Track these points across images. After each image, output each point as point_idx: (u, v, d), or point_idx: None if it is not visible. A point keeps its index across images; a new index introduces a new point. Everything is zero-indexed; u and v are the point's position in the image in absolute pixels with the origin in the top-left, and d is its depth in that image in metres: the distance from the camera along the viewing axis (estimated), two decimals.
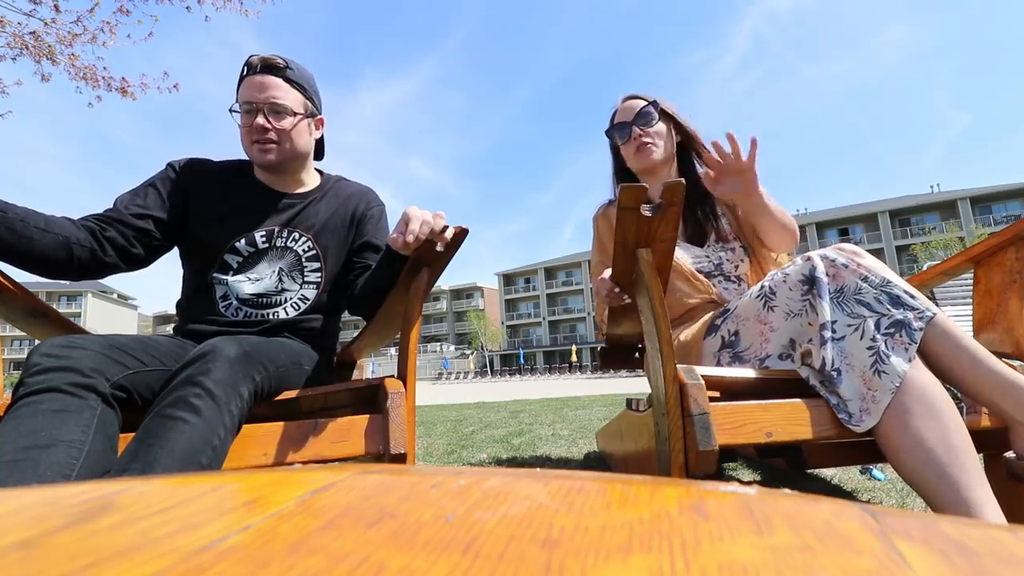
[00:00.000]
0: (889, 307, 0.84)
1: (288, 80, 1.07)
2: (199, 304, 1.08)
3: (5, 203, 0.84)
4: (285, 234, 1.11)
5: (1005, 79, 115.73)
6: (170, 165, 1.11)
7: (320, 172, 1.25)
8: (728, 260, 1.27)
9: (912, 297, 0.85)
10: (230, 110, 1.07)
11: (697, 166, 1.38)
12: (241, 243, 1.08)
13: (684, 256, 1.27)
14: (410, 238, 0.86)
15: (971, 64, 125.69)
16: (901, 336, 0.81)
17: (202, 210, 1.08)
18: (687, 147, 1.37)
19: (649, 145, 1.30)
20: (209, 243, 1.08)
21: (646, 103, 1.32)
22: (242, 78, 1.06)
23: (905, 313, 0.82)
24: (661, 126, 1.32)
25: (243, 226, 1.09)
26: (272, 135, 1.05)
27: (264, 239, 1.10)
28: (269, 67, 1.05)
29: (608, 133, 1.40)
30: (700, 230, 1.31)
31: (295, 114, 1.07)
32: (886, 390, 0.80)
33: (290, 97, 1.07)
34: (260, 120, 1.04)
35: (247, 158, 1.15)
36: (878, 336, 0.82)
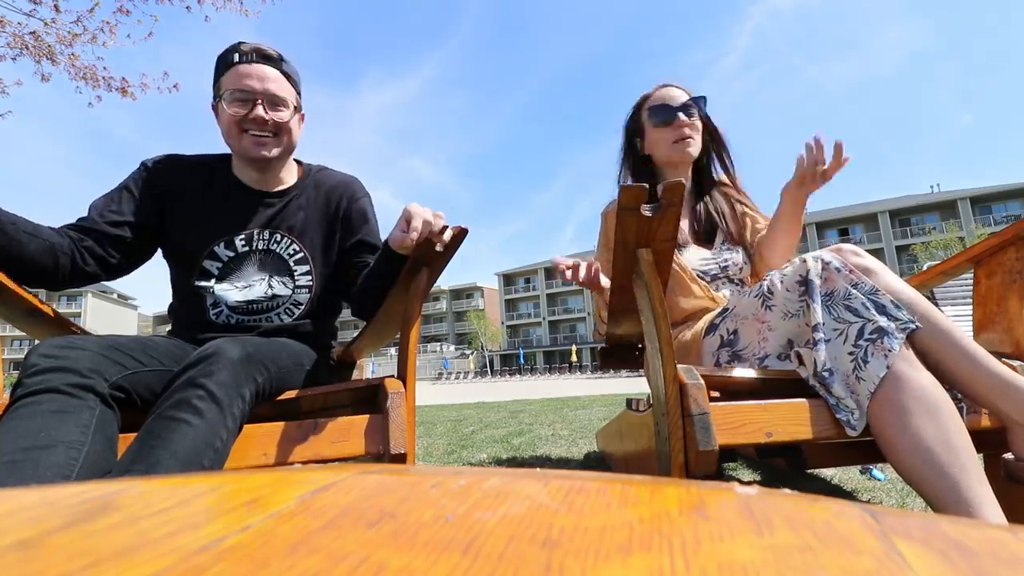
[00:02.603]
0: (875, 313, 0.84)
1: (284, 72, 1.03)
2: (190, 310, 1.06)
3: None
4: (266, 236, 1.07)
5: (1006, 78, 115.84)
6: (143, 164, 1.06)
7: (299, 163, 1.17)
8: (733, 263, 1.27)
9: (897, 307, 0.85)
10: (217, 97, 1.00)
11: (714, 170, 1.38)
12: (220, 248, 1.05)
13: (690, 258, 1.27)
14: (413, 235, 0.84)
15: (972, 63, 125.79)
16: (882, 343, 0.81)
17: (179, 212, 1.04)
18: (708, 149, 1.36)
19: (690, 138, 1.28)
20: (187, 248, 1.04)
21: (691, 95, 1.29)
22: (229, 64, 0.99)
23: (889, 321, 0.83)
24: (699, 122, 1.30)
25: (221, 230, 1.05)
26: (270, 128, 1.01)
27: (243, 243, 1.06)
28: (265, 57, 1.00)
29: (646, 113, 1.32)
30: (709, 232, 1.30)
31: (291, 108, 1.04)
32: (864, 395, 0.81)
33: (286, 90, 1.03)
34: (259, 111, 0.98)
35: (222, 153, 1.10)
36: (860, 342, 0.83)
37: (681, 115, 1.27)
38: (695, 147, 1.29)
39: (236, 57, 0.99)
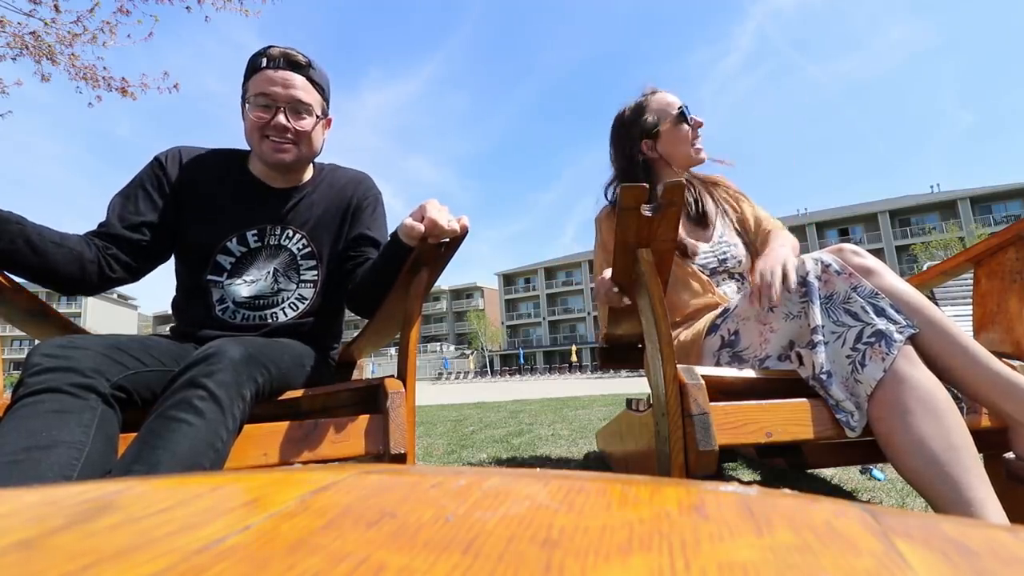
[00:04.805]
0: (874, 317, 0.84)
1: (311, 80, 1.02)
2: (196, 307, 1.05)
3: (22, 217, 0.85)
4: (278, 231, 1.08)
5: (1008, 78, 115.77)
6: (157, 159, 1.05)
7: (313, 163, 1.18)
8: (732, 256, 1.27)
9: (896, 311, 0.85)
10: (244, 99, 1.01)
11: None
12: (233, 243, 1.05)
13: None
14: (419, 227, 0.83)
15: (974, 63, 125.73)
16: (880, 346, 0.81)
17: (193, 207, 1.05)
18: None
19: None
20: (200, 243, 1.04)
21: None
22: (257, 68, 0.99)
23: (888, 325, 0.83)
24: None
25: (235, 225, 1.05)
26: (291, 135, 1.01)
27: (256, 238, 1.06)
28: (292, 63, 1.00)
29: (656, 116, 1.32)
30: (705, 226, 1.31)
31: (314, 116, 1.03)
32: (862, 397, 0.82)
33: (311, 97, 1.02)
34: (281, 119, 0.98)
35: (239, 148, 1.11)
36: (859, 346, 0.83)
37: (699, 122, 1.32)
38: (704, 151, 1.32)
39: (264, 62, 0.99)
